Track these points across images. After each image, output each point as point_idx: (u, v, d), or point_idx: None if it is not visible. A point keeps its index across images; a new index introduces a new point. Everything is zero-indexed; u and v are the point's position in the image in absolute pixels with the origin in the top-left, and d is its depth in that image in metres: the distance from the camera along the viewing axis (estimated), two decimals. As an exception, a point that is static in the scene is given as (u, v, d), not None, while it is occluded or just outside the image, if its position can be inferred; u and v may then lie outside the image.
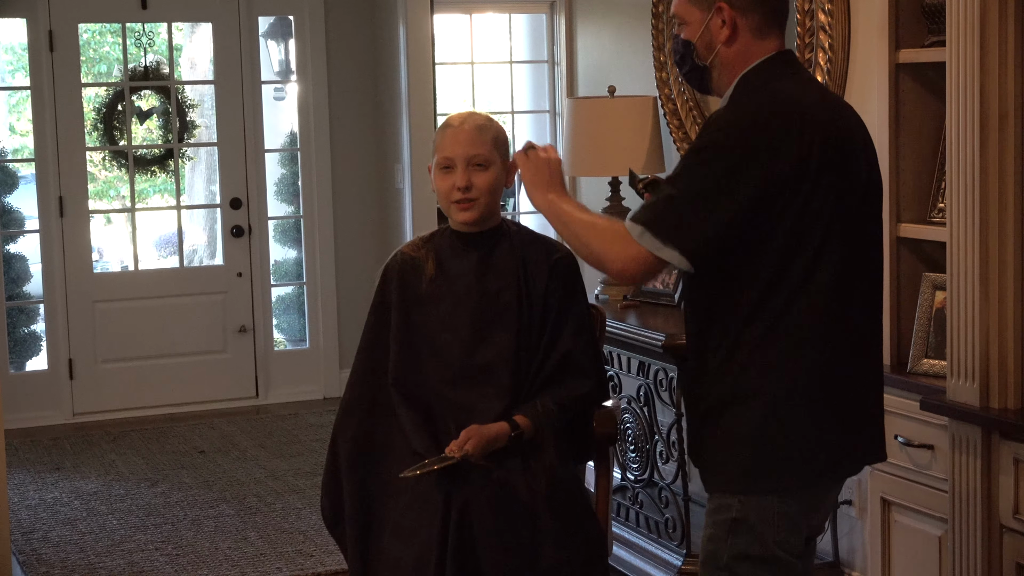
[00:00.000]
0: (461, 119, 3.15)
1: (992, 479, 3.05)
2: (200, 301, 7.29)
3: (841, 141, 2.47)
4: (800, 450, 2.46)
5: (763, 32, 2.52)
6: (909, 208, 3.58)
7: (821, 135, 2.42)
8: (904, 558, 3.47)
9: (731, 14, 2.50)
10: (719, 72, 2.56)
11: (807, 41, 4.20)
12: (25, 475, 6.02)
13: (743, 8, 2.50)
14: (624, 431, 4.62)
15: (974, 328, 3.07)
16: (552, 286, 3.16)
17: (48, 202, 6.96)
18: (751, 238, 2.40)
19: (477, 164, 3.10)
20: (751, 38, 2.51)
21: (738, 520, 2.48)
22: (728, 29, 2.51)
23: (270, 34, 7.66)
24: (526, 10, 7.16)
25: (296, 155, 7.52)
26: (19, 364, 7.22)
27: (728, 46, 2.52)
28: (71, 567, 4.81)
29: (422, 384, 3.14)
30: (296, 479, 5.84)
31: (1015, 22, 3.00)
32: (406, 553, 3.01)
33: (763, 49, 2.52)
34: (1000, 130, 3.02)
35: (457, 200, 3.11)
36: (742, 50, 2.52)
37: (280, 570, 4.71)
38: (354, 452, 3.17)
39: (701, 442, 2.56)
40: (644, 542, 4.49)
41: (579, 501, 3.14)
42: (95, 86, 8.42)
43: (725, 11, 2.50)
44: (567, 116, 5.14)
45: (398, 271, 3.22)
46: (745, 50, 2.52)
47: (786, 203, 2.39)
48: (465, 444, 2.99)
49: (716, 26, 2.52)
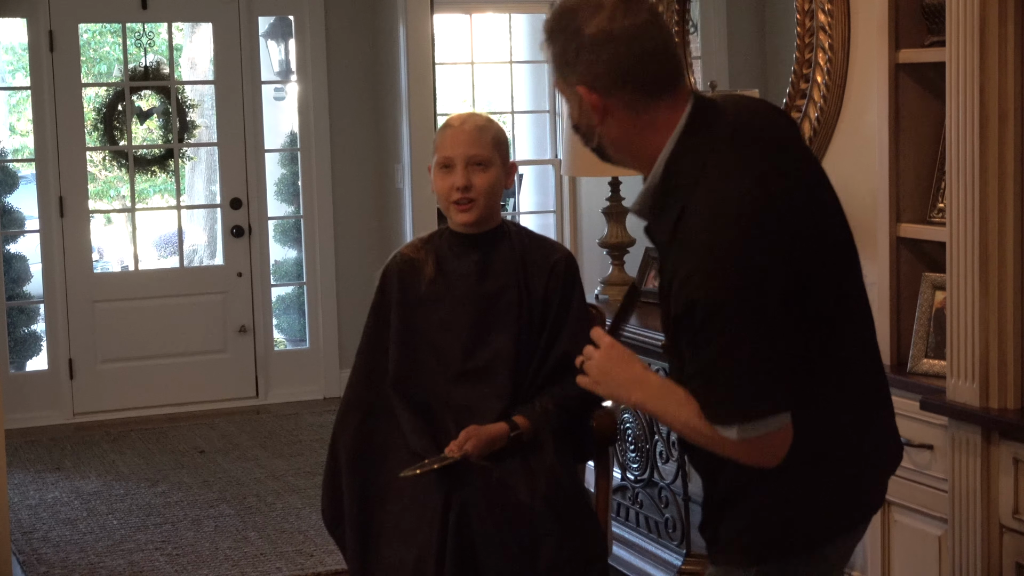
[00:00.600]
0: (461, 119, 3.15)
1: (992, 479, 3.04)
2: (200, 301, 7.29)
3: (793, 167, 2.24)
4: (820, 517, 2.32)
5: (640, 107, 2.18)
6: (909, 208, 3.58)
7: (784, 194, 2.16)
8: (904, 558, 3.47)
9: (592, 98, 2.17)
10: (615, 152, 2.27)
11: (807, 41, 4.20)
12: (25, 475, 6.02)
13: (604, 90, 2.16)
14: (624, 431, 4.62)
15: (974, 328, 3.07)
16: (552, 287, 3.16)
17: (48, 202, 6.96)
18: None
19: (477, 164, 3.10)
20: (628, 116, 2.18)
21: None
22: (597, 113, 2.19)
23: (270, 34, 7.67)
24: (526, 10, 7.16)
25: (296, 155, 7.52)
26: (19, 364, 7.22)
27: (605, 127, 2.21)
28: (71, 567, 4.81)
29: (422, 385, 3.15)
30: (296, 479, 5.84)
31: (1015, 22, 3.00)
32: (406, 554, 3.01)
33: (652, 124, 2.18)
34: (1000, 130, 3.02)
35: (456, 200, 3.11)
36: (625, 130, 2.20)
37: (280, 570, 4.71)
38: (354, 453, 3.17)
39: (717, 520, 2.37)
40: (644, 542, 4.49)
41: (579, 501, 3.14)
42: (95, 86, 8.43)
43: (584, 96, 2.18)
44: (567, 116, 5.14)
45: (398, 272, 3.22)
46: (629, 130, 2.20)
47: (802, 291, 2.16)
48: (464, 444, 2.99)
49: (587, 108, 2.20)
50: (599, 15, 2.14)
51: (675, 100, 2.19)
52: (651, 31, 2.17)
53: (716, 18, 6.64)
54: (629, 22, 2.15)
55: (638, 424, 4.55)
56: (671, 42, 2.22)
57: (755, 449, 2.15)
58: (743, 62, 6.76)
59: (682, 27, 4.92)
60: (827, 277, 2.23)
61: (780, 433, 2.14)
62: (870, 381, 2.38)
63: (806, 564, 2.35)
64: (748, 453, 2.16)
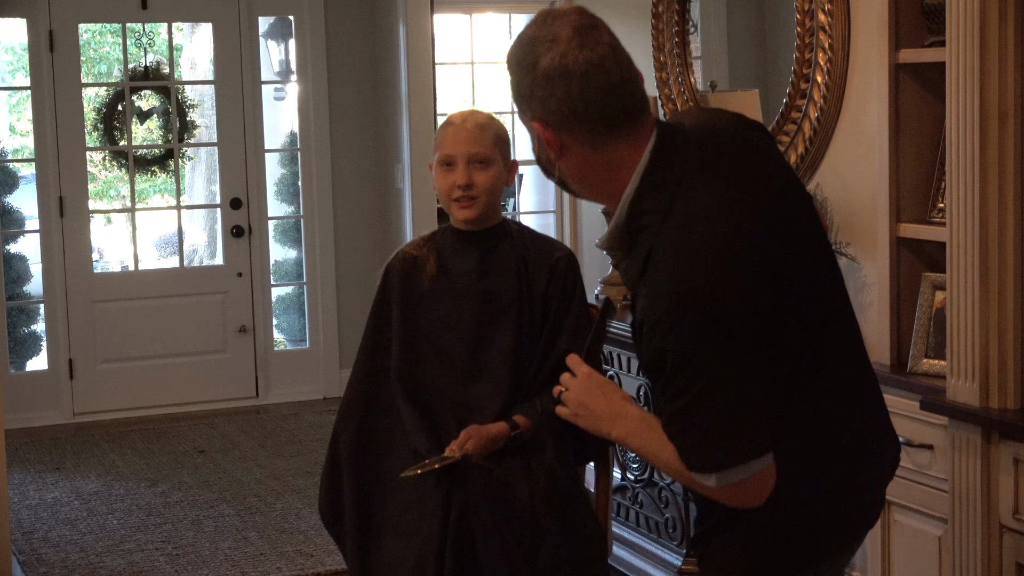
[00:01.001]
0: (463, 117, 3.15)
1: (992, 479, 3.04)
2: (200, 301, 7.29)
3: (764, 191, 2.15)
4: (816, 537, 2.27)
5: (598, 143, 2.09)
6: (909, 208, 3.58)
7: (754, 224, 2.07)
8: (904, 558, 3.47)
9: (547, 135, 2.09)
10: (577, 187, 2.20)
11: (807, 41, 4.20)
12: (25, 475, 6.02)
13: (559, 127, 2.08)
14: (624, 431, 4.62)
15: (974, 328, 3.07)
16: (552, 285, 3.16)
17: (48, 202, 6.96)
18: None
19: (478, 162, 3.10)
20: (586, 152, 2.10)
21: None
22: (553, 150, 2.11)
23: (270, 34, 7.67)
24: (526, 10, 7.16)
25: (296, 155, 7.52)
26: (19, 364, 7.22)
27: (564, 162, 2.13)
28: (71, 567, 4.81)
29: (423, 382, 3.15)
30: (296, 479, 5.84)
31: (1015, 22, 3.00)
32: (406, 553, 3.01)
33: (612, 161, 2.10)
34: (1000, 130, 3.02)
35: (457, 198, 3.11)
36: (583, 166, 2.12)
37: (280, 570, 4.71)
38: (355, 450, 3.17)
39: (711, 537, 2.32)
40: (644, 542, 4.49)
41: (579, 501, 3.14)
42: (95, 86, 8.43)
43: (540, 131, 2.10)
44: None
45: (399, 270, 3.22)
46: (587, 166, 2.12)
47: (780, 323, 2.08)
48: (465, 444, 2.99)
49: (545, 142, 2.11)
50: (554, 49, 2.07)
51: (636, 135, 2.10)
52: (608, 65, 2.08)
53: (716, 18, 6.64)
54: (584, 56, 2.07)
55: (638, 424, 4.55)
56: (632, 76, 2.12)
57: (736, 493, 2.10)
58: (743, 62, 6.76)
59: (682, 27, 4.92)
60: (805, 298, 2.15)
61: (762, 475, 2.08)
62: (860, 393, 2.32)
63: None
64: (730, 497, 2.11)
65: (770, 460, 2.08)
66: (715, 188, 2.07)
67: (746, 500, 2.11)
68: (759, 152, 2.22)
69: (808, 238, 2.20)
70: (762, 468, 2.07)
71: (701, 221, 2.04)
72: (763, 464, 2.07)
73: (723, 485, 2.07)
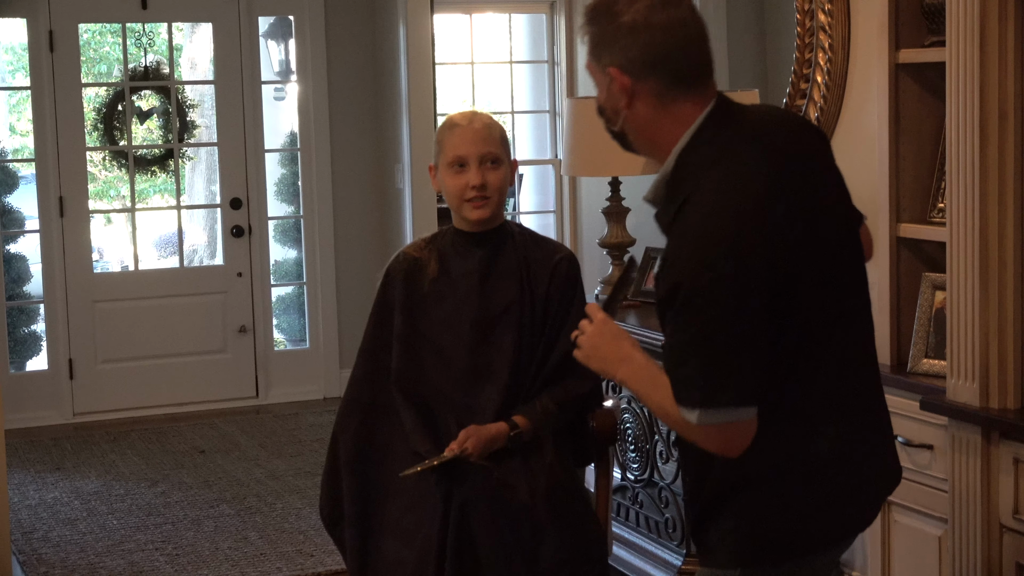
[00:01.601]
0: (468, 118, 3.14)
1: (992, 479, 3.04)
2: (200, 301, 7.29)
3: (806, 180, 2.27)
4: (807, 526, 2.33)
5: (667, 97, 2.23)
6: (909, 208, 3.58)
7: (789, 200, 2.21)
8: (904, 558, 3.47)
9: (624, 80, 2.23)
10: (635, 138, 2.32)
11: (807, 41, 4.20)
12: (25, 475, 6.02)
13: (636, 74, 2.22)
14: (624, 431, 4.62)
15: (974, 328, 3.07)
16: (554, 287, 3.16)
17: (48, 202, 6.96)
18: None
19: (490, 162, 3.09)
20: (655, 103, 2.24)
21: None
22: (625, 96, 2.24)
23: (270, 34, 7.67)
24: (526, 10, 7.16)
25: (296, 155, 7.52)
26: (19, 364, 7.22)
27: (631, 112, 2.26)
28: (71, 567, 4.81)
29: (424, 383, 3.15)
30: (296, 479, 5.84)
31: (1015, 22, 3.00)
32: (406, 553, 3.01)
33: (676, 115, 2.25)
34: (1000, 130, 3.02)
35: (471, 198, 3.10)
36: (649, 117, 2.26)
37: (280, 570, 4.71)
38: (355, 452, 3.17)
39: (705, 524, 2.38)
40: (644, 542, 4.49)
41: (579, 501, 3.14)
42: (95, 86, 8.43)
43: (616, 77, 2.23)
44: (567, 116, 5.14)
45: (400, 271, 3.22)
46: (652, 117, 2.26)
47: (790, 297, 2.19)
48: (464, 443, 2.99)
49: (615, 91, 2.25)
50: (639, 3, 2.22)
51: (701, 96, 2.25)
52: (688, 25, 2.25)
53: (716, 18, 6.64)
54: (667, 15, 2.22)
55: (638, 424, 4.55)
56: (706, 40, 2.28)
57: (713, 436, 2.19)
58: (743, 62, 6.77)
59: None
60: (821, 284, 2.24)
61: (741, 425, 2.18)
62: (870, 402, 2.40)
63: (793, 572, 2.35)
64: (707, 438, 2.21)
65: (752, 415, 2.18)
66: (758, 156, 2.22)
67: (721, 446, 2.21)
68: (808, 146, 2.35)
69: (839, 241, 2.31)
70: (743, 419, 2.17)
71: (739, 180, 2.18)
72: (745, 415, 2.17)
73: (703, 424, 2.17)
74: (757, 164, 2.21)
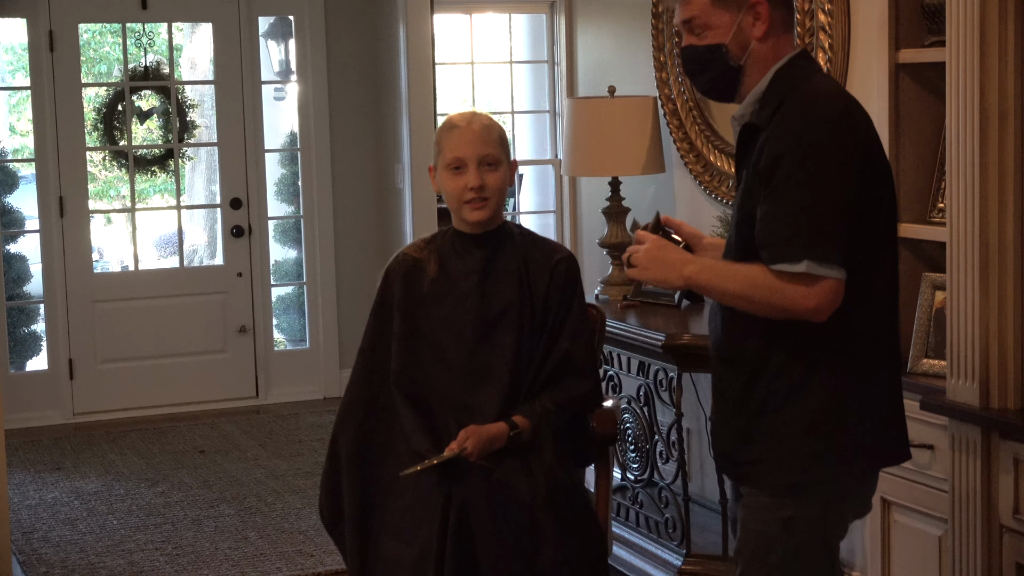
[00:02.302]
0: (466, 119, 3.13)
1: (992, 479, 3.04)
2: (200, 301, 7.29)
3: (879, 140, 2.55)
4: (852, 447, 2.51)
5: (788, 26, 2.58)
6: (909, 208, 3.58)
7: (875, 133, 2.52)
8: (904, 558, 3.47)
9: (767, 8, 2.53)
10: (751, 71, 2.56)
11: (807, 41, 4.20)
12: (25, 475, 6.02)
13: (774, 4, 2.54)
14: (624, 431, 4.62)
15: (974, 328, 3.07)
16: (553, 287, 3.15)
17: (48, 202, 6.96)
18: None
19: (489, 163, 3.09)
20: (781, 31, 2.56)
21: (793, 519, 2.51)
22: (764, 24, 2.53)
23: (270, 34, 7.67)
24: (526, 10, 7.15)
25: (296, 155, 7.52)
26: (19, 364, 7.22)
27: (763, 42, 2.54)
28: (71, 567, 4.81)
29: (423, 384, 3.15)
30: (296, 479, 5.84)
31: (1015, 22, 3.00)
32: (406, 554, 3.01)
33: (789, 43, 2.58)
34: (1000, 130, 3.02)
35: (470, 200, 3.09)
36: (774, 44, 2.55)
37: (280, 570, 4.71)
38: (354, 452, 3.17)
39: (746, 439, 2.55)
40: (644, 542, 4.49)
41: (578, 501, 3.14)
42: (95, 86, 8.43)
43: (762, 6, 2.53)
44: (567, 116, 5.14)
45: (400, 272, 3.22)
46: (776, 44, 2.55)
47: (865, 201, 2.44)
48: (464, 443, 2.99)
49: (748, 24, 2.53)
50: None
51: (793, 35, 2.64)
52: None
53: (716, 18, 6.63)
54: None
55: (638, 424, 4.55)
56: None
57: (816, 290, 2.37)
58: (743, 62, 6.76)
59: (682, 27, 4.92)
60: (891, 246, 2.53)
61: (836, 284, 2.38)
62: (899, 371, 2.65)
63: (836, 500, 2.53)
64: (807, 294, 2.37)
65: (842, 277, 2.38)
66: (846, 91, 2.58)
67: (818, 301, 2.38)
68: None
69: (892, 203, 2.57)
70: (836, 278, 2.38)
71: (832, 96, 2.49)
72: (838, 274, 2.38)
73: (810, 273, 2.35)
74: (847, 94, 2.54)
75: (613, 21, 6.02)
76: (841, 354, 2.47)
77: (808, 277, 2.36)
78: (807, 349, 2.47)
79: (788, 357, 2.48)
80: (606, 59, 6.09)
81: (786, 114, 2.45)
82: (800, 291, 2.38)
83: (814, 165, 2.38)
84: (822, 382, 2.47)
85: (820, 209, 2.37)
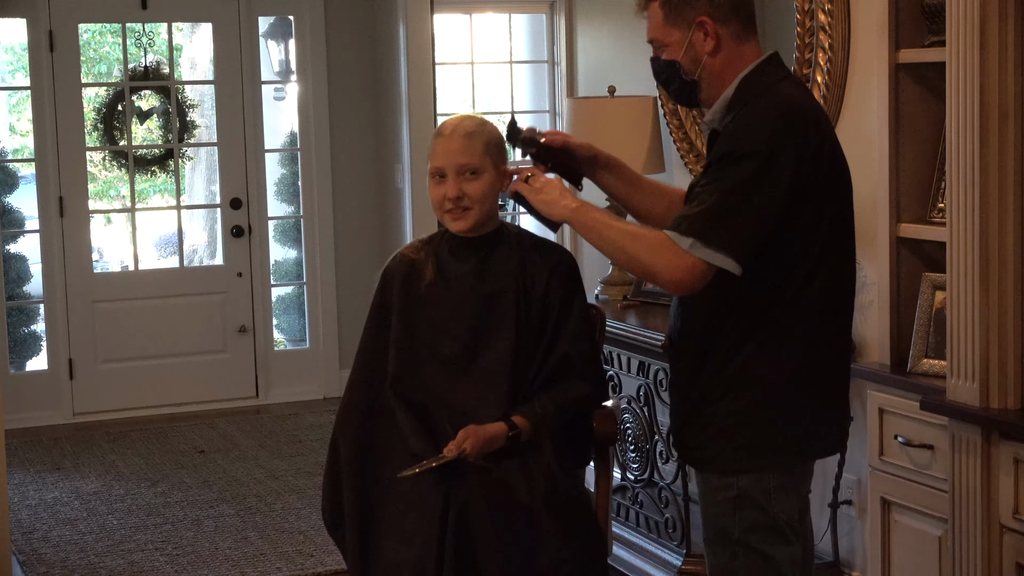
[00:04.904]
0: (452, 126, 3.12)
1: (992, 479, 3.04)
2: (200, 301, 7.29)
3: (837, 148, 2.67)
4: (793, 432, 2.69)
5: (743, 37, 2.68)
6: (909, 208, 3.58)
7: (830, 143, 2.63)
8: (904, 558, 3.47)
9: (713, 26, 2.65)
10: (708, 83, 2.69)
11: (807, 41, 4.20)
12: (25, 475, 6.02)
13: (722, 19, 2.65)
14: (624, 431, 4.62)
15: (974, 328, 3.07)
16: (552, 288, 3.15)
17: (48, 202, 6.96)
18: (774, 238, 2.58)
19: (469, 172, 3.08)
20: (733, 44, 2.67)
21: (742, 496, 2.68)
22: (712, 40, 2.65)
23: (270, 34, 7.67)
24: (526, 10, 7.16)
25: (296, 155, 7.52)
26: (19, 364, 7.22)
27: (714, 56, 2.67)
28: (71, 567, 4.81)
29: (421, 386, 3.14)
30: (296, 479, 5.84)
31: (1015, 22, 3.00)
32: (406, 555, 3.01)
33: (746, 53, 2.68)
34: (1000, 130, 3.02)
35: (449, 210, 3.10)
36: (727, 58, 2.67)
37: (280, 570, 4.71)
38: (354, 454, 3.16)
39: (695, 424, 2.74)
40: (644, 542, 4.49)
41: (579, 501, 3.14)
42: (95, 86, 8.43)
43: (707, 24, 2.65)
44: (567, 116, 5.14)
45: (398, 273, 3.22)
46: (730, 57, 2.67)
47: (802, 206, 2.56)
48: (463, 443, 2.99)
49: (699, 40, 2.66)
50: None
51: (757, 42, 2.71)
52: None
53: (716, 18, 6.63)
54: None
55: (638, 424, 4.55)
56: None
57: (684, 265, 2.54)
58: (743, 62, 6.76)
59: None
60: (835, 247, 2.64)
61: (706, 269, 2.54)
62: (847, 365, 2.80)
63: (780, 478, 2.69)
64: (677, 267, 2.55)
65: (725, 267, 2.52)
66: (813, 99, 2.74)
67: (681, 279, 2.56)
68: None
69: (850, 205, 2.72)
70: (715, 265, 2.53)
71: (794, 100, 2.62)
72: (720, 263, 2.53)
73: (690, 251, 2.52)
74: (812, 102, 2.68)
75: (613, 21, 6.02)
76: (777, 353, 2.63)
77: (687, 254, 2.53)
78: (744, 344, 2.63)
79: (729, 351, 2.64)
80: (606, 59, 6.09)
81: (742, 118, 2.60)
82: (673, 261, 2.55)
83: (749, 168, 2.52)
84: (759, 377, 2.63)
85: (736, 206, 2.52)
